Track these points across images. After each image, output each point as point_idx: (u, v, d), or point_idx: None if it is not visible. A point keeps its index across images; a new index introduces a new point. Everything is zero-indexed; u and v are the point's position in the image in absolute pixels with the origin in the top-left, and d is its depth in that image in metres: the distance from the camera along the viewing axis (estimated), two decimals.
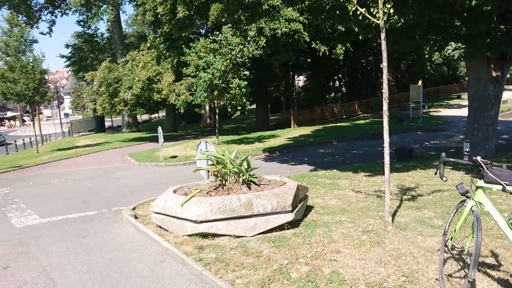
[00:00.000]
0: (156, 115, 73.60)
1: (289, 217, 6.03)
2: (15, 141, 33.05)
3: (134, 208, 8.45)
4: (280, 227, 6.06)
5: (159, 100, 26.06)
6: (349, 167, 11.86)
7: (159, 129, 16.72)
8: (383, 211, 6.15)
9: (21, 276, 5.31)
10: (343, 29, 18.94)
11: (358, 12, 5.32)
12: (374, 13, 5.37)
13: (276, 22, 18.94)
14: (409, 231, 5.63)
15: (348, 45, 26.62)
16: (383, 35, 5.41)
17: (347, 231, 5.80)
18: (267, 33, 19.31)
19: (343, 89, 46.80)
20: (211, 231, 5.88)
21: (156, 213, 6.72)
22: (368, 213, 6.72)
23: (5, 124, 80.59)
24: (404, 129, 22.54)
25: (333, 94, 49.65)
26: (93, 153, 22.66)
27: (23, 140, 34.54)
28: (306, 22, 19.16)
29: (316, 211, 7.10)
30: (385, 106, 5.54)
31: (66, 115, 46.31)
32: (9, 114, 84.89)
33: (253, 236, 5.91)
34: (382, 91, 5.54)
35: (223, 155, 6.61)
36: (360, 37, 13.76)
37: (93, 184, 12.52)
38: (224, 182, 6.63)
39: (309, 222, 6.39)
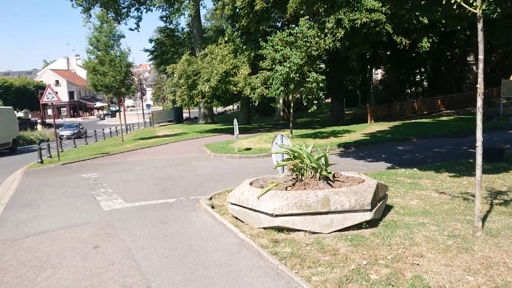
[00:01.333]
0: (231, 107, 75.34)
1: (368, 216, 5.83)
2: (103, 130, 35.86)
3: (210, 198, 8.69)
4: (358, 226, 5.88)
5: (234, 92, 26.56)
6: (431, 166, 11.19)
7: (235, 121, 17.03)
8: (471, 215, 5.73)
9: (109, 256, 5.69)
10: (428, 20, 17.86)
11: (453, 1, 4.93)
12: (470, 1, 4.96)
13: (356, 13, 18.33)
14: (502, 238, 5.17)
15: (433, 37, 24.99)
16: (480, 25, 4.98)
17: (430, 234, 5.47)
18: (346, 24, 18.77)
19: (424, 83, 44.34)
20: (286, 225, 5.86)
21: (232, 204, 6.85)
22: (453, 216, 6.29)
23: (94, 114, 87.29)
24: (493, 127, 20.80)
25: (413, 88, 47.26)
26: (171, 143, 23.71)
27: (110, 128, 37.33)
28: (389, 12, 18.29)
29: (396, 211, 6.79)
30: (479, 102, 5.13)
31: (148, 106, 49.11)
32: (98, 104, 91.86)
33: (329, 233, 5.79)
34: (477, 86, 5.12)
35: (301, 149, 6.54)
36: (447, 29, 12.87)
37: (172, 173, 13.08)
38: (300, 177, 6.57)
39: (388, 222, 6.13)
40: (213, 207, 7.85)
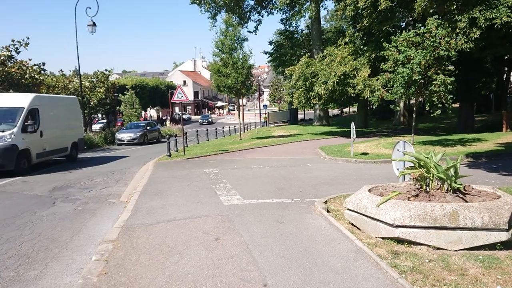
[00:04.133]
0: (347, 109, 73.91)
1: (504, 236, 5.24)
2: (223, 128, 38.07)
3: (326, 202, 8.62)
4: (490, 246, 5.32)
5: (352, 95, 25.96)
6: None
7: (352, 124, 16.65)
8: None
9: (228, 249, 5.99)
10: None
11: None
12: None
13: (494, 11, 16.53)
14: None
15: None
16: None
17: None
18: (481, 24, 17.05)
19: None
20: (407, 237, 5.55)
21: (349, 209, 6.71)
22: None
23: (215, 112, 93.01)
24: None
25: None
26: (286, 144, 24.10)
27: (229, 127, 39.55)
28: None
29: None
30: None
31: (265, 106, 50.68)
32: (219, 103, 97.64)
33: (456, 250, 5.34)
34: None
35: (427, 157, 6.13)
36: None
37: (286, 173, 13.28)
38: (425, 187, 6.16)
39: None
40: (328, 211, 7.78)
